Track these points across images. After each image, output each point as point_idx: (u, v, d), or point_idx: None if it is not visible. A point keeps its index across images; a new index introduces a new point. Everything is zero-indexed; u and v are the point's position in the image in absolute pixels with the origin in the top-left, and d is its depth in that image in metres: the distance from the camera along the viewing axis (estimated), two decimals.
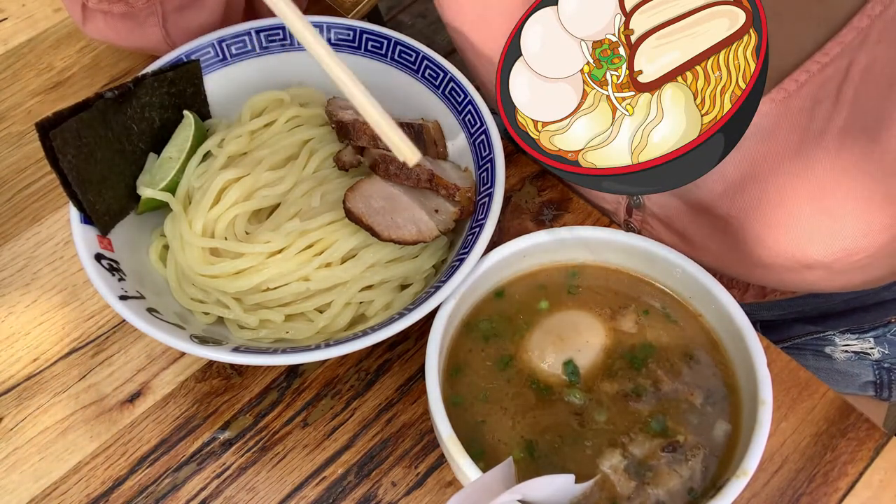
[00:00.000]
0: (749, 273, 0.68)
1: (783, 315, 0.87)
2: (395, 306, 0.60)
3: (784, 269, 0.63)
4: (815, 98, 0.55)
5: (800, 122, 0.56)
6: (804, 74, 0.55)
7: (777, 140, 0.57)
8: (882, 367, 0.85)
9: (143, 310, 0.54)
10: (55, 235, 0.69)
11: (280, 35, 0.68)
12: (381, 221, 0.58)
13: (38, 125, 0.53)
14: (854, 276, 0.62)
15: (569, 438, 0.52)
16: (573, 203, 0.72)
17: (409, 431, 0.60)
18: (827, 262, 0.59)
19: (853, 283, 0.64)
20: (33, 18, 0.84)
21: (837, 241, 0.58)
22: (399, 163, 0.61)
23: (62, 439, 0.60)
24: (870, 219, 0.56)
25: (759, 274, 0.66)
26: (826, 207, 0.57)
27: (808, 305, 0.86)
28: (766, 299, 0.84)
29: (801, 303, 0.85)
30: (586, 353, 0.55)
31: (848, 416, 0.60)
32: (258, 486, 0.58)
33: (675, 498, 0.49)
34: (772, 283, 0.69)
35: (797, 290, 0.68)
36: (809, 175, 0.57)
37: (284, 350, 0.53)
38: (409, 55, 0.67)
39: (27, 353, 0.63)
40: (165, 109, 0.63)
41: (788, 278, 0.64)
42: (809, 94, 0.55)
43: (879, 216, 0.56)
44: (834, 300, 0.85)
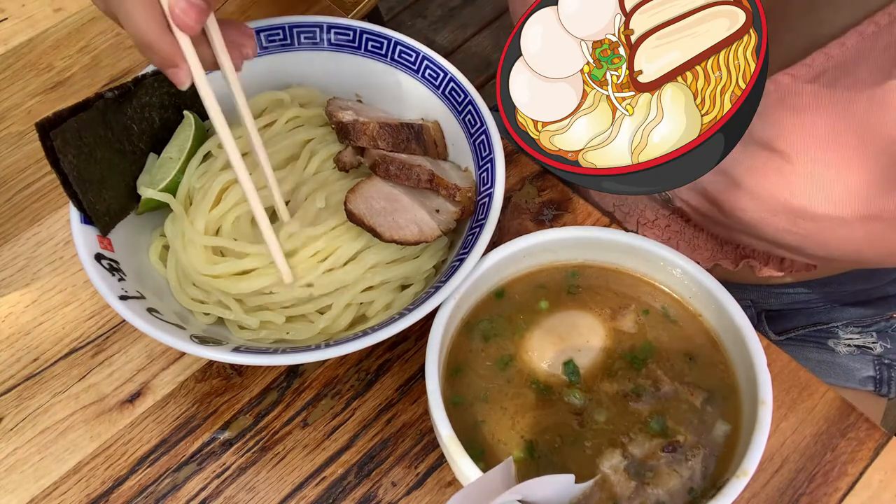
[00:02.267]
0: (792, 227, 0.65)
1: (789, 306, 0.87)
2: (396, 306, 0.60)
3: (838, 223, 0.61)
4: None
5: (884, 61, 0.54)
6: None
7: (857, 77, 0.55)
8: (883, 362, 0.85)
9: (143, 310, 0.54)
10: (55, 235, 0.69)
11: (280, 35, 0.68)
12: (383, 222, 0.58)
13: (38, 125, 0.53)
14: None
15: (569, 438, 0.52)
16: (573, 203, 0.72)
17: (409, 431, 0.60)
18: (890, 213, 0.58)
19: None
20: (33, 18, 0.84)
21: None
22: (399, 163, 0.61)
23: (62, 439, 0.60)
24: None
25: (803, 228, 0.64)
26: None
27: (815, 295, 0.86)
28: (781, 277, 0.83)
29: (807, 293, 0.85)
30: (586, 353, 0.55)
31: (848, 416, 0.60)
32: (258, 486, 0.58)
33: (675, 498, 0.49)
34: (810, 245, 0.67)
35: (835, 254, 0.66)
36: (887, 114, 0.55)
37: (284, 350, 0.53)
38: (409, 55, 0.67)
39: (27, 353, 0.63)
40: (165, 109, 0.63)
41: (834, 235, 0.63)
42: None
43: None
44: (840, 291, 0.85)
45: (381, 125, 0.62)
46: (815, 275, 0.84)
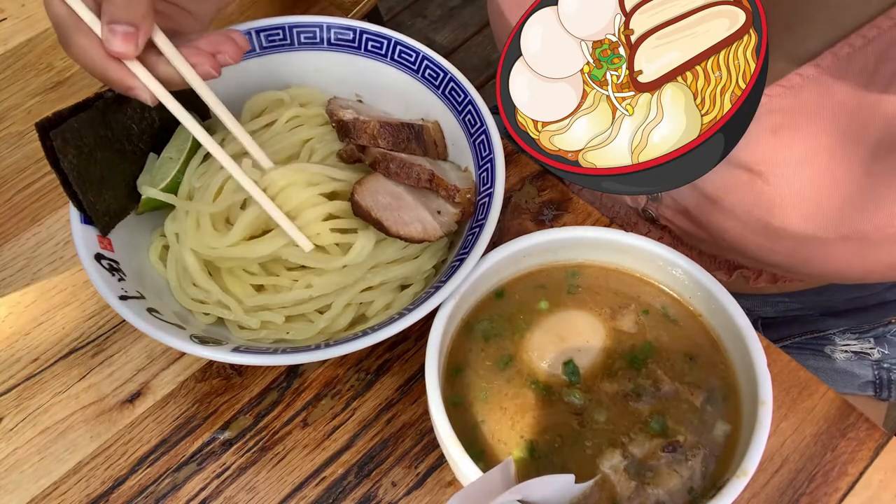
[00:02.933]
0: (773, 245, 0.66)
1: (784, 313, 0.87)
2: (396, 306, 0.60)
3: (817, 242, 0.61)
4: (880, 56, 0.53)
5: (859, 81, 0.54)
6: (874, 30, 0.53)
7: (833, 98, 0.56)
8: (882, 367, 0.85)
9: (143, 310, 0.54)
10: (55, 235, 0.69)
11: (280, 35, 0.68)
12: (389, 217, 0.58)
13: (38, 125, 0.53)
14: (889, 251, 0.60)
15: (569, 438, 0.52)
16: (573, 203, 0.72)
17: (409, 431, 0.60)
18: (867, 232, 0.58)
19: (882, 264, 0.63)
20: (33, 18, 0.84)
21: (884, 208, 0.57)
22: (399, 161, 0.61)
23: (62, 439, 0.60)
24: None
25: (784, 247, 0.65)
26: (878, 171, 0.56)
27: (810, 304, 0.86)
28: (776, 287, 0.83)
29: (802, 301, 0.85)
30: (586, 353, 0.55)
31: (848, 416, 0.60)
32: (258, 486, 0.58)
33: (675, 498, 0.49)
34: (793, 263, 0.68)
35: (816, 272, 0.67)
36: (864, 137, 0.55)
37: (284, 350, 0.53)
38: (409, 55, 0.67)
39: (27, 353, 0.63)
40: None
41: (814, 254, 0.63)
42: (875, 52, 0.53)
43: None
44: (836, 299, 0.85)
45: (382, 124, 0.62)
46: (808, 284, 0.84)
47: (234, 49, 0.56)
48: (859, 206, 0.58)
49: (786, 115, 0.58)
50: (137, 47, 0.51)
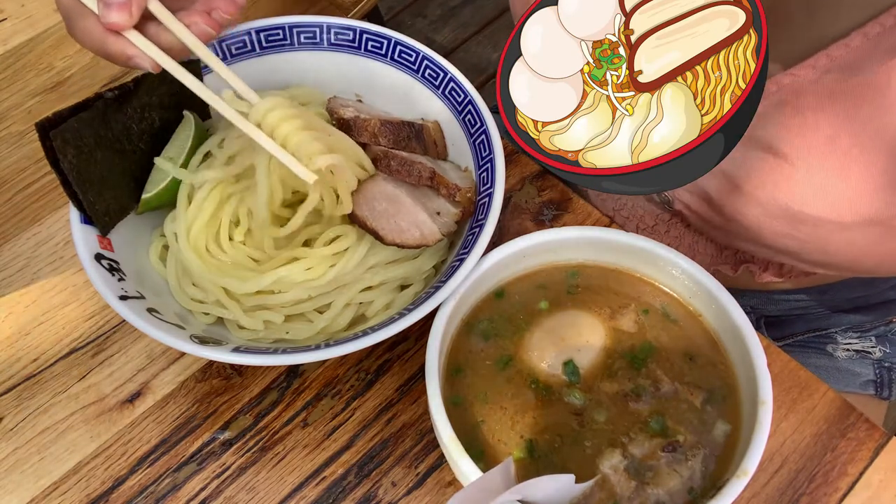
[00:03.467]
0: (791, 230, 0.65)
1: (788, 312, 0.87)
2: (396, 306, 0.60)
3: (837, 227, 0.61)
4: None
5: (888, 60, 0.53)
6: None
7: (861, 79, 0.55)
8: (883, 366, 0.85)
9: (143, 310, 0.54)
10: (55, 235, 0.69)
11: (280, 35, 0.68)
12: (385, 225, 0.58)
13: (38, 125, 0.53)
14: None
15: (569, 438, 0.52)
16: (573, 203, 0.72)
17: (409, 431, 0.60)
18: (891, 217, 0.58)
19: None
20: (33, 18, 0.84)
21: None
22: (401, 159, 0.61)
23: (62, 439, 0.60)
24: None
25: (803, 232, 0.64)
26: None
27: (813, 302, 0.86)
28: (782, 282, 0.83)
29: (805, 299, 0.85)
30: (586, 353, 0.55)
31: (848, 416, 0.60)
32: (258, 486, 0.58)
33: (675, 498, 0.49)
34: (809, 250, 0.67)
35: (831, 260, 0.66)
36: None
37: (284, 350, 0.53)
38: (409, 55, 0.67)
39: (27, 353, 0.63)
40: (165, 109, 0.63)
41: (832, 240, 0.63)
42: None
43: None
44: (839, 298, 0.85)
45: (383, 122, 0.62)
46: (813, 281, 0.84)
47: (227, 4, 0.58)
48: (884, 190, 0.57)
49: (812, 96, 0.58)
50: (132, 16, 0.53)
